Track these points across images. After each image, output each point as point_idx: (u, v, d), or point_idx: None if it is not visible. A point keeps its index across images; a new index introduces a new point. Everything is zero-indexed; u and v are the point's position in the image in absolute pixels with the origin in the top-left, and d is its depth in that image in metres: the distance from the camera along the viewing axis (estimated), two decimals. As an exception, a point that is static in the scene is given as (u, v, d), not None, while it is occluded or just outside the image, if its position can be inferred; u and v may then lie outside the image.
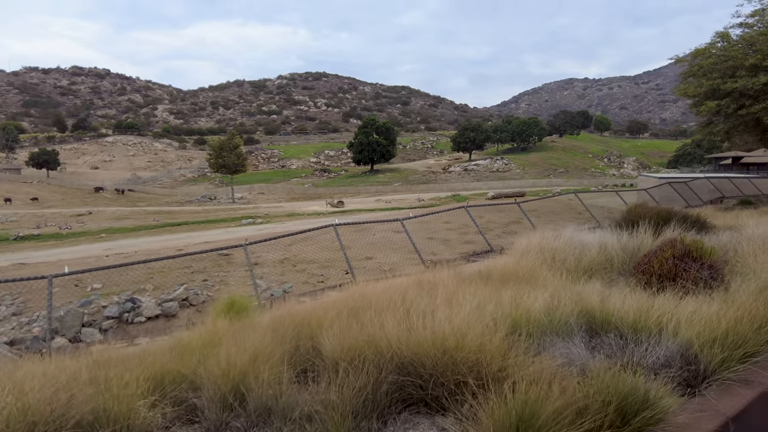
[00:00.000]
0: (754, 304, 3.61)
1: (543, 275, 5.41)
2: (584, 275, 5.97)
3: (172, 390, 3.13)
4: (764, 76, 12.70)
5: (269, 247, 19.52)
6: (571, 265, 6.39)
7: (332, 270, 16.57)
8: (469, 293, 4.38)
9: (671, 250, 4.92)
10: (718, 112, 15.43)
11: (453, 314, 3.40)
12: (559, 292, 4.43)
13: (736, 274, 4.91)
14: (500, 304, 3.84)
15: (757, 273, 4.72)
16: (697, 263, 4.78)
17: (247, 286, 14.25)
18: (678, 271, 4.70)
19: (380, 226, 22.75)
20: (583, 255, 6.82)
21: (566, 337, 3.34)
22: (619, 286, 5.02)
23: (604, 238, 7.30)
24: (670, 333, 3.30)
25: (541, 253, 6.88)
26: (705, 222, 7.55)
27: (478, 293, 4.33)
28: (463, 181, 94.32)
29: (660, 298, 4.05)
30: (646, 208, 8.41)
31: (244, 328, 4.04)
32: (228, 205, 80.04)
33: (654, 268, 4.81)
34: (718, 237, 6.75)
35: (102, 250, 26.68)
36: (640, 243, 6.92)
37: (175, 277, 15.55)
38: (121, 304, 11.56)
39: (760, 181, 27.20)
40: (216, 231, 35.16)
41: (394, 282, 6.19)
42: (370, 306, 4.43)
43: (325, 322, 3.84)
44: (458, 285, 4.86)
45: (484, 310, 3.66)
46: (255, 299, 9.26)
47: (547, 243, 7.34)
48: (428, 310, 3.62)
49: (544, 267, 6.16)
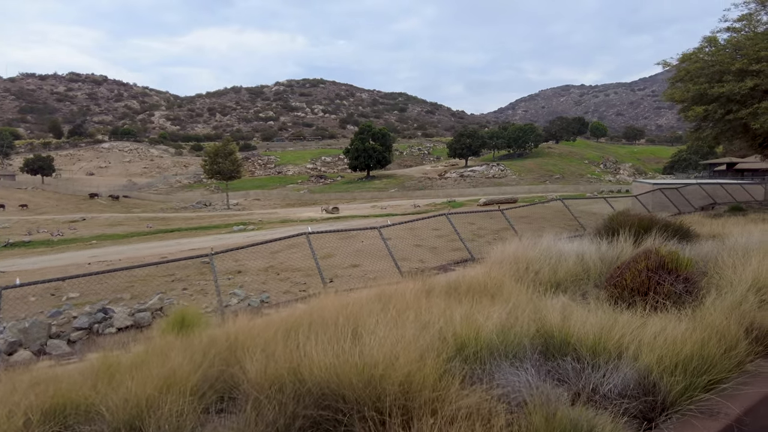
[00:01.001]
0: (725, 323, 3.31)
1: (509, 288, 5.10)
2: (556, 288, 5.67)
3: (74, 421, 2.80)
4: (751, 80, 12.46)
5: (254, 255, 19.18)
6: (545, 276, 6.09)
7: (316, 278, 16.16)
8: (424, 308, 4.06)
9: (645, 262, 4.62)
10: (705, 118, 15.19)
11: (394, 335, 3.08)
12: (522, 308, 4.12)
13: (713, 286, 4.61)
14: (451, 321, 3.52)
15: (735, 286, 4.42)
16: (672, 276, 4.48)
17: (226, 295, 13.90)
18: (651, 284, 4.39)
19: (369, 233, 22.47)
20: (560, 265, 6.52)
21: (517, 361, 3.02)
22: (588, 301, 4.71)
23: (583, 247, 7.00)
24: (630, 357, 2.99)
25: (516, 264, 6.57)
26: (688, 230, 7.26)
27: (434, 308, 4.02)
28: (459, 187, 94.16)
29: (626, 315, 3.74)
30: (628, 215, 8.12)
31: (175, 348, 3.71)
32: (223, 212, 79.67)
33: (626, 281, 4.51)
34: (700, 246, 6.45)
35: (88, 257, 26.26)
36: (619, 252, 6.62)
37: (156, 286, 15.18)
38: (92, 314, 11.18)
39: (753, 187, 26.97)
40: (206, 238, 34.76)
41: (358, 295, 5.87)
42: (321, 322, 4.12)
43: (261, 342, 3.52)
44: (417, 299, 4.55)
45: (431, 329, 3.34)
46: (220, 311, 8.91)
47: (523, 252, 7.04)
48: (371, 330, 3.31)
49: (515, 279, 5.86)
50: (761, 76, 12.52)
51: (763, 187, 27.09)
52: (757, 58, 12.55)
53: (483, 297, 4.67)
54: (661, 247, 5.13)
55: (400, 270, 10.19)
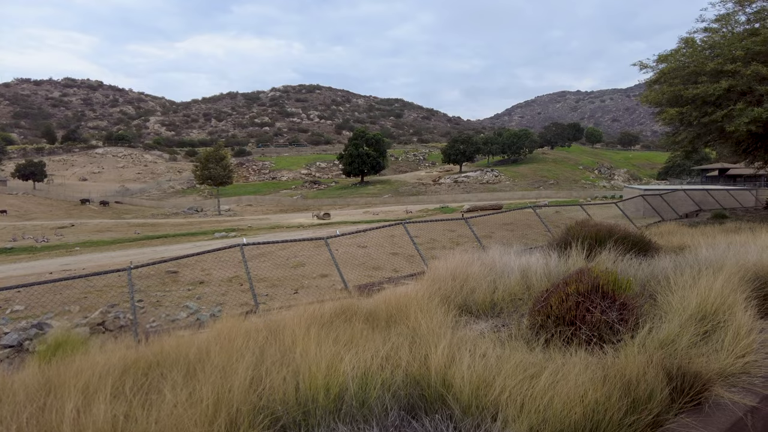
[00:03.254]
0: (641, 369, 2.62)
1: (430, 311, 4.40)
2: (492, 308, 4.98)
3: None
4: (726, 81, 11.78)
5: (221, 264, 18.48)
6: (480, 295, 5.40)
7: (281, 289, 15.51)
8: (300, 346, 3.37)
9: (575, 284, 3.93)
10: (681, 121, 14.53)
11: (196, 390, 2.39)
12: (421, 340, 3.43)
13: (654, 314, 3.93)
14: (296, 367, 2.83)
15: (678, 313, 3.74)
16: (607, 301, 3.79)
17: (178, 308, 13.17)
18: (579, 311, 3.70)
19: (346, 240, 21.76)
20: (500, 282, 5.84)
21: (361, 424, 2.33)
22: (505, 330, 4.03)
23: (532, 261, 6.32)
24: (509, 418, 2.30)
25: (453, 280, 5.88)
26: (649, 242, 6.58)
27: (311, 346, 3.32)
28: (453, 192, 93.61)
29: (533, 355, 3.05)
30: (585, 225, 7.45)
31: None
32: (213, 218, 78.89)
33: (551, 307, 3.82)
34: (657, 262, 5.77)
35: (59, 265, 25.44)
36: (569, 267, 5.94)
37: (111, 297, 14.45)
38: (25, 330, 10.41)
39: (741, 193, 26.30)
40: (186, 245, 33.97)
41: (256, 322, 5.18)
42: (172, 361, 3.44)
43: (81, 385, 2.82)
44: (308, 330, 3.84)
45: (269, 377, 2.65)
46: (133, 330, 8.18)
47: (464, 267, 6.36)
48: (181, 385, 2.62)
49: (443, 298, 5.17)
50: (736, 77, 11.89)
51: (751, 193, 26.46)
52: (732, 58, 11.91)
53: (383, 325, 3.98)
54: (596, 266, 4.44)
55: (346, 285, 9.50)
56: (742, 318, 3.49)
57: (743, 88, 11.88)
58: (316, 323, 4.18)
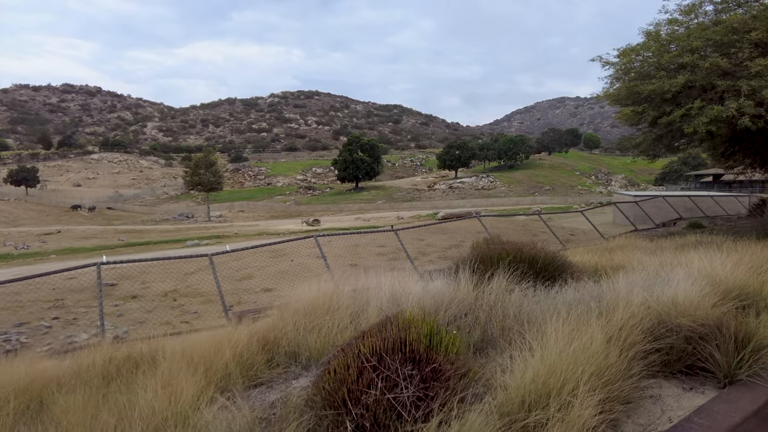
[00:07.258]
0: None
1: (222, 361, 3.18)
2: (311, 361, 3.79)
3: None
4: (683, 76, 10.44)
5: (163, 276, 17.28)
6: (321, 337, 4.20)
7: (215, 305, 14.24)
8: None
9: (371, 339, 2.74)
10: (639, 121, 13.19)
11: None
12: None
13: (482, 386, 2.71)
14: None
15: (501, 390, 2.51)
16: (408, 366, 2.59)
17: (96, 327, 11.96)
18: (368, 382, 2.50)
19: (304, 251, 20.52)
20: (363, 316, 4.65)
21: None
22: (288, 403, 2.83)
23: (414, 287, 5.11)
24: None
25: (309, 314, 4.69)
26: (562, 263, 5.35)
27: None
28: (448, 198, 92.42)
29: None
30: (491, 242, 6.22)
31: None
32: (203, 224, 77.88)
33: (331, 374, 2.61)
34: (560, 293, 4.54)
35: (11, 275, 24.16)
36: (452, 298, 4.73)
37: (25, 314, 13.24)
38: None
39: (727, 200, 24.88)
40: (156, 253, 32.78)
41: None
42: None
43: None
44: None
45: None
46: None
47: (336, 295, 5.16)
48: None
49: (267, 344, 3.98)
50: (695, 71, 10.57)
51: (738, 200, 25.08)
52: (690, 48, 10.61)
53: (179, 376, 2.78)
54: (407, 313, 3.22)
55: (227, 313, 8.30)
56: (580, 412, 2.26)
57: (703, 83, 10.57)
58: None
